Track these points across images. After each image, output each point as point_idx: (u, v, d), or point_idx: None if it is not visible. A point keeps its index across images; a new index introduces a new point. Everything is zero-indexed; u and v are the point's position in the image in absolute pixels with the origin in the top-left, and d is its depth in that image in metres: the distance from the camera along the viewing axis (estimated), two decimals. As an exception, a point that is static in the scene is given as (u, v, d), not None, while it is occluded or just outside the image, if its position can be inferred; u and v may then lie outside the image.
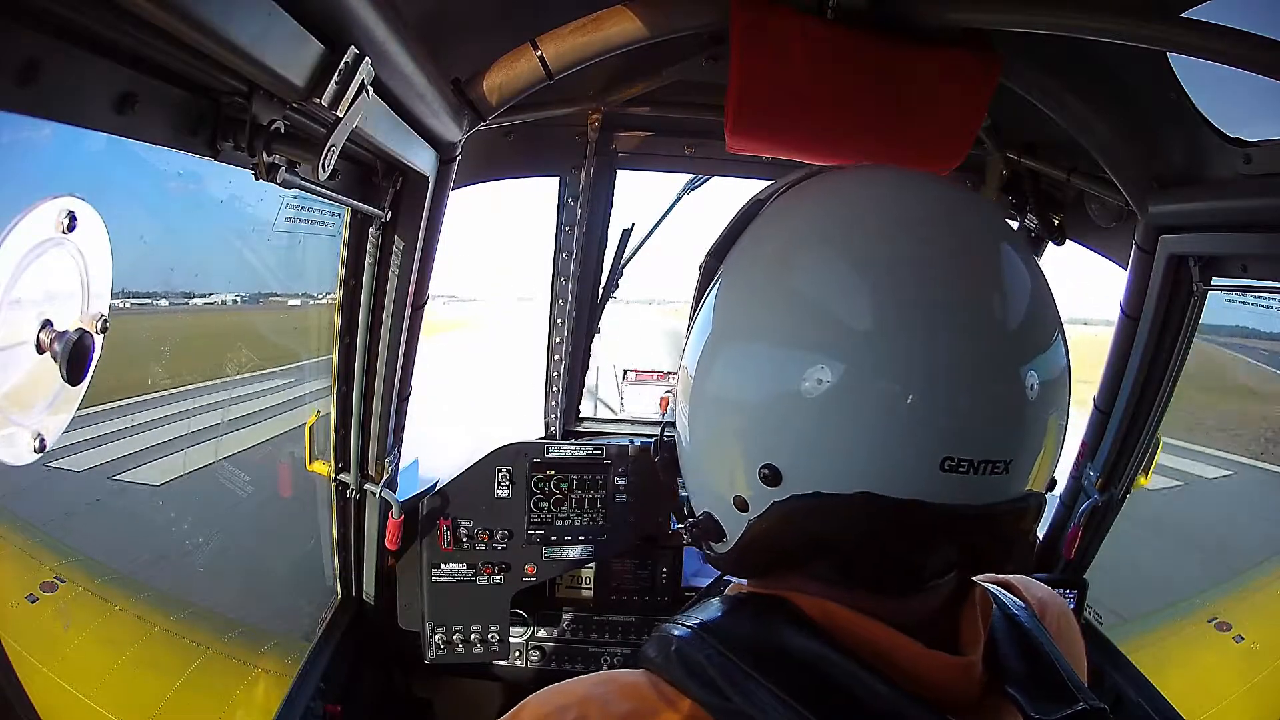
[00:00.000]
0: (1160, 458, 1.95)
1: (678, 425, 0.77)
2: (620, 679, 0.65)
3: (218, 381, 1.49)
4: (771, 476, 0.64)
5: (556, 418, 2.56)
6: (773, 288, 0.68)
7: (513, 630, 2.14)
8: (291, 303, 1.64)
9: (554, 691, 0.65)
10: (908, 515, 0.61)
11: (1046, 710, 0.62)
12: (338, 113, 0.91)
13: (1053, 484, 0.70)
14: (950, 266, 0.64)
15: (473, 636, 2.04)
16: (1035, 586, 0.81)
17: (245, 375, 1.53)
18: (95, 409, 1.01)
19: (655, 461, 0.84)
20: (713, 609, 0.67)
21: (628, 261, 2.40)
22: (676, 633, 0.64)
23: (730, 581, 0.82)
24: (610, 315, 2.53)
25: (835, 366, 0.61)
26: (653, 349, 17.55)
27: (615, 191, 2.29)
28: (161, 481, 1.37)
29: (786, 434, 0.64)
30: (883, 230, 0.67)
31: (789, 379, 0.63)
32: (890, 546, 0.63)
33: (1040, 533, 2.09)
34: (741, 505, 0.67)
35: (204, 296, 1.37)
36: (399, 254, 1.52)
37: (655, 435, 0.85)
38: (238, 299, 1.52)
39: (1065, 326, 0.69)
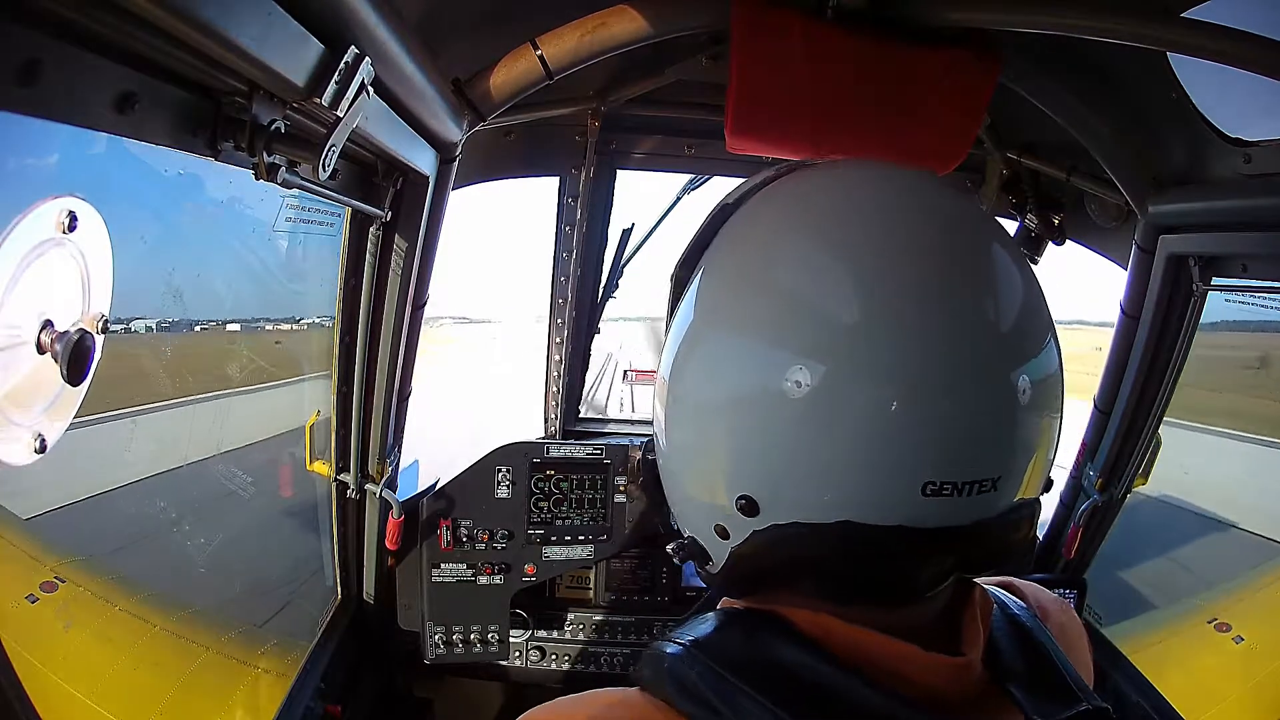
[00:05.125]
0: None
1: (658, 449, 0.75)
2: (613, 697, 0.65)
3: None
4: (749, 507, 0.63)
5: (556, 417, 2.56)
6: (746, 293, 0.66)
7: (513, 630, 2.13)
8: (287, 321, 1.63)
9: (547, 709, 0.65)
10: (891, 542, 0.59)
11: (1047, 711, 0.61)
12: (338, 113, 0.91)
13: (1049, 484, 0.68)
14: (931, 259, 0.62)
15: (473, 636, 2.03)
16: (1040, 592, 0.80)
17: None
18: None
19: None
20: (705, 625, 0.66)
21: (628, 261, 2.40)
22: (668, 650, 0.63)
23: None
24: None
25: (815, 369, 0.59)
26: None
27: (615, 191, 2.29)
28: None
29: (762, 458, 0.62)
30: (861, 224, 0.65)
31: (766, 386, 0.60)
32: (877, 569, 0.62)
33: (1040, 532, 2.09)
34: (723, 533, 0.67)
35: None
36: (399, 254, 1.52)
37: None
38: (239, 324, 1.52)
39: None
